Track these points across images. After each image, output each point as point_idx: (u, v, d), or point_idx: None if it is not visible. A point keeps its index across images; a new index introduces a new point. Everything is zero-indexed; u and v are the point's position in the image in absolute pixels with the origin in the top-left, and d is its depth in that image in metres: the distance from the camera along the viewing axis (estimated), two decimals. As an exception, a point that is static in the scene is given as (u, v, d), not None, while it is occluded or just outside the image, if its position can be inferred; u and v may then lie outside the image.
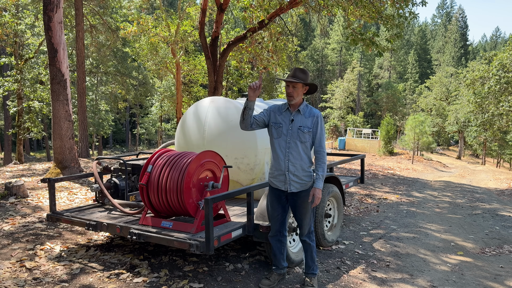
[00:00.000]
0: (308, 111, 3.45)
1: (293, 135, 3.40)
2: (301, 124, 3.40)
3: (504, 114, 22.99)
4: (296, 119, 3.43)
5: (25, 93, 19.01)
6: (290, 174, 3.42)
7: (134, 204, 4.27)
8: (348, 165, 14.47)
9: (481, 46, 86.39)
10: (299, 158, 3.41)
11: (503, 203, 9.07)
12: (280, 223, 3.58)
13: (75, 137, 9.64)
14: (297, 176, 3.41)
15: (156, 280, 3.63)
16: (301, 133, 3.39)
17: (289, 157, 3.41)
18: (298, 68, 3.42)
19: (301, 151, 3.41)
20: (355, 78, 48.87)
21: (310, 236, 3.57)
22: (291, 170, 3.41)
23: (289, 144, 3.41)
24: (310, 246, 3.58)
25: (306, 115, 3.43)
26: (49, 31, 7.78)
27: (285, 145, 3.43)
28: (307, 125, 3.40)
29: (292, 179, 3.42)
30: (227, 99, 4.94)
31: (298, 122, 3.41)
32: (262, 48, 14.05)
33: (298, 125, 3.40)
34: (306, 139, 3.41)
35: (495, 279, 4.15)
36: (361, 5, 9.23)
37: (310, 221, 3.53)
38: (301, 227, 3.55)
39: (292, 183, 3.43)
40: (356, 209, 7.44)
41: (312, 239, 3.59)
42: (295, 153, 3.40)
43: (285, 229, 3.63)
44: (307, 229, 3.54)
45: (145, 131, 43.73)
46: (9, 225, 5.04)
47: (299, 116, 3.43)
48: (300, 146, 3.40)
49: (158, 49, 19.42)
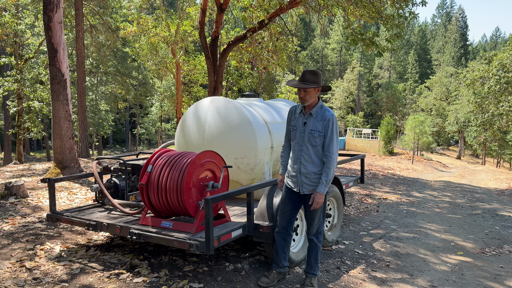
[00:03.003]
0: (321, 114, 3.40)
1: (305, 138, 3.41)
2: (312, 128, 3.38)
3: (504, 114, 22.98)
4: (308, 122, 3.41)
5: (25, 93, 19.00)
6: (302, 176, 3.44)
7: (134, 204, 4.27)
8: (348, 165, 14.46)
9: (481, 46, 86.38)
10: (311, 161, 3.41)
11: (503, 203, 9.07)
12: (288, 220, 3.60)
13: (75, 137, 9.64)
14: (309, 178, 3.42)
15: (156, 280, 3.63)
16: (312, 137, 3.38)
17: (301, 160, 3.43)
18: (308, 71, 3.37)
19: (313, 154, 3.40)
20: (355, 78, 48.87)
21: (318, 236, 3.59)
22: (303, 172, 3.43)
23: (301, 147, 3.43)
24: (316, 246, 3.60)
25: (318, 119, 3.39)
26: (49, 31, 7.78)
27: (298, 148, 3.44)
28: (318, 129, 3.37)
29: (303, 181, 3.44)
30: (227, 99, 4.94)
31: (310, 125, 3.40)
32: (262, 48, 14.06)
33: (310, 129, 3.39)
34: (317, 143, 3.38)
35: (495, 279, 4.15)
36: (361, 5, 9.23)
37: (319, 222, 3.56)
38: (311, 226, 3.58)
39: (304, 185, 3.45)
40: (356, 209, 7.44)
41: (319, 240, 3.60)
42: (306, 156, 3.41)
43: (292, 228, 3.66)
44: (316, 229, 3.56)
45: (145, 131, 43.71)
46: (9, 225, 5.04)
47: (311, 119, 3.41)
48: (312, 149, 3.40)
49: (158, 49, 19.41)
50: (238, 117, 4.69)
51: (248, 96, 5.59)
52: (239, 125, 4.66)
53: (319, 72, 3.43)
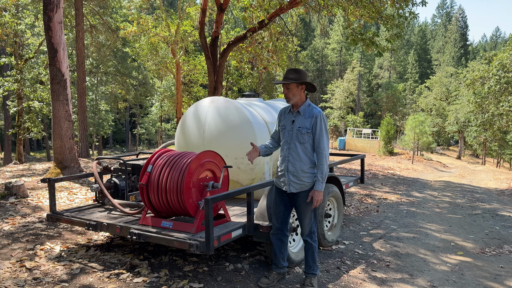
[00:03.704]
0: (309, 112, 3.45)
1: (293, 136, 3.44)
2: (300, 125, 3.43)
3: (504, 114, 22.99)
4: (296, 120, 3.46)
5: (25, 93, 19.01)
6: (289, 175, 3.45)
7: (134, 204, 4.27)
8: (348, 165, 14.47)
9: (481, 46, 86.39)
10: (298, 159, 3.43)
11: (503, 203, 9.07)
12: (282, 221, 3.60)
13: (75, 137, 9.64)
14: (296, 176, 3.43)
15: (156, 280, 3.63)
16: (300, 134, 3.42)
17: (289, 158, 3.45)
18: (290, 69, 3.46)
19: (301, 152, 3.42)
20: (355, 78, 48.86)
21: (312, 236, 3.58)
22: (291, 170, 3.44)
23: (290, 145, 3.45)
24: (312, 246, 3.59)
25: (306, 116, 3.44)
26: (49, 31, 7.78)
27: (287, 146, 3.48)
28: (305, 126, 3.41)
29: (291, 180, 3.44)
30: (227, 99, 4.94)
31: (298, 123, 3.44)
32: (262, 48, 14.06)
33: (298, 126, 3.43)
34: (305, 140, 3.41)
35: (495, 279, 4.15)
36: (361, 5, 9.23)
37: (310, 221, 3.54)
38: (302, 227, 3.57)
39: (292, 184, 3.45)
40: (356, 209, 7.44)
41: (314, 240, 3.59)
42: (294, 154, 3.43)
43: (287, 228, 3.65)
44: (308, 229, 3.55)
45: (145, 131, 43.73)
46: (9, 225, 5.04)
47: (299, 117, 3.46)
48: (300, 147, 3.42)
49: (158, 49, 19.42)
50: (238, 117, 4.69)
51: (248, 96, 5.59)
52: (239, 125, 4.66)
53: (303, 71, 3.48)
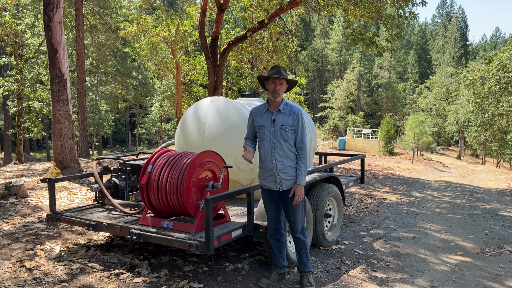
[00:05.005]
0: (289, 109, 3.50)
1: (277, 134, 3.46)
2: (283, 123, 3.46)
3: (504, 114, 22.98)
4: (277, 119, 3.48)
5: (25, 93, 19.00)
6: (279, 173, 3.46)
7: (134, 204, 4.27)
8: (348, 165, 14.47)
9: (481, 46, 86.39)
10: (285, 156, 3.46)
11: (503, 203, 9.07)
12: (276, 221, 3.61)
13: (75, 137, 9.64)
14: (286, 173, 3.46)
15: (156, 280, 3.63)
16: (284, 132, 3.45)
17: (276, 156, 3.46)
18: (280, 66, 3.50)
19: (286, 149, 3.47)
20: (355, 78, 48.87)
21: (304, 233, 3.59)
22: (280, 168, 3.46)
23: (274, 144, 3.47)
24: (305, 243, 3.60)
25: (287, 114, 3.48)
26: (49, 31, 7.78)
27: (270, 145, 3.48)
28: (289, 124, 3.46)
29: (281, 177, 3.46)
30: (227, 99, 4.94)
31: (280, 121, 3.47)
32: (262, 48, 14.06)
33: (280, 125, 3.46)
34: (289, 137, 3.46)
35: (495, 279, 4.15)
36: (361, 5, 9.23)
37: (303, 216, 3.56)
38: (295, 224, 3.56)
39: (283, 181, 3.47)
40: (356, 209, 7.44)
41: (306, 236, 3.61)
42: (280, 151, 3.46)
43: (282, 227, 3.66)
44: (301, 225, 3.56)
45: (145, 131, 43.73)
46: (9, 225, 5.04)
47: (280, 115, 3.49)
48: (284, 144, 3.46)
49: (158, 49, 19.40)
50: (238, 117, 4.69)
51: (248, 96, 5.59)
52: (239, 125, 4.66)
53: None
